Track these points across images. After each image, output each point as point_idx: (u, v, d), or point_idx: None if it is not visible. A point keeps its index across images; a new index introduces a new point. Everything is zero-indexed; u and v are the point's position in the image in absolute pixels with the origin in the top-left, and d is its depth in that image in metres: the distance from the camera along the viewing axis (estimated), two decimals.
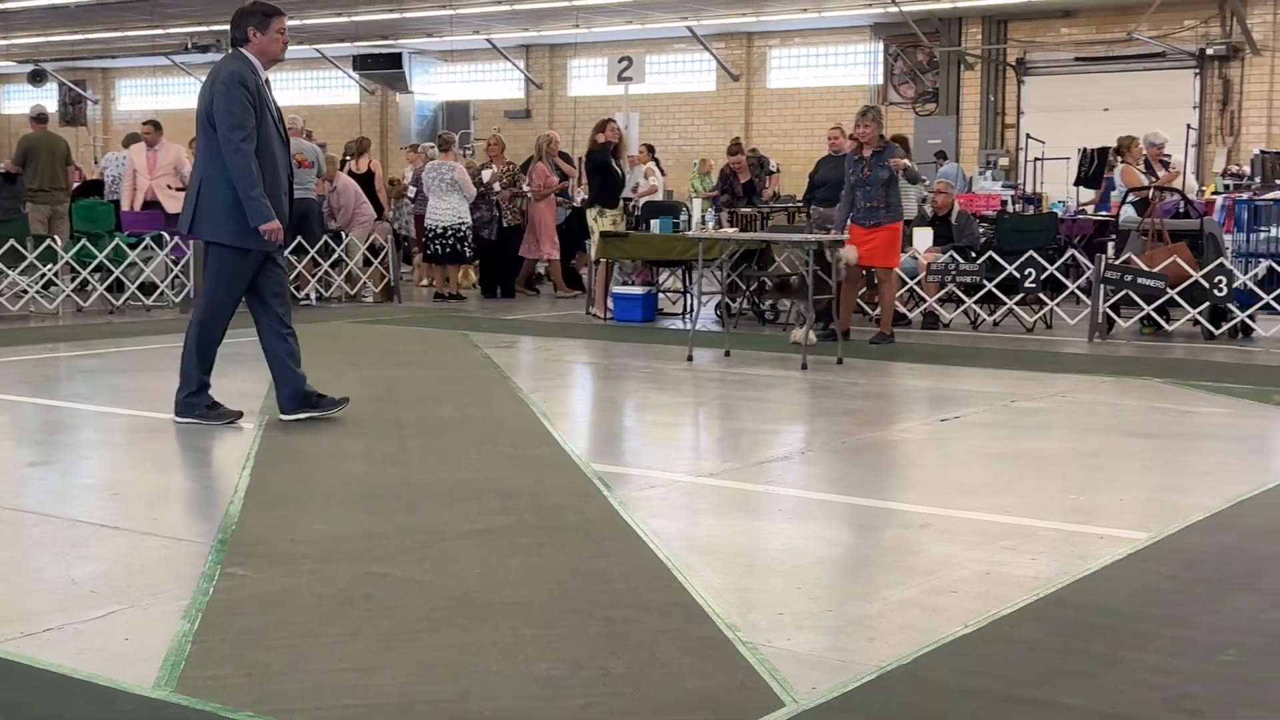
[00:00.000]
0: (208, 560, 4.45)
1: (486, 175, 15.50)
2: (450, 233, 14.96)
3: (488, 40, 28.24)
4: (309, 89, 32.16)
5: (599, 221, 13.24)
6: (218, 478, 6.16)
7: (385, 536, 4.79)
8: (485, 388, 8.70)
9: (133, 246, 13.88)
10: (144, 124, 15.42)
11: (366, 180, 15.52)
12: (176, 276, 14.02)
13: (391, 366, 9.74)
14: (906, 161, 11.14)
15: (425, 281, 16.61)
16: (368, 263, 15.03)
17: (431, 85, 30.51)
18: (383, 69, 29.46)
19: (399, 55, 29.24)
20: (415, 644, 3.65)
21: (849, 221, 10.99)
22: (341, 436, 6.76)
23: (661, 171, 18.56)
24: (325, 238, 14.58)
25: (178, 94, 33.82)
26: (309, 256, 14.33)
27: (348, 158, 15.75)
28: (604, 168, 13.33)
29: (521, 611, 3.94)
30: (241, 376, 8.31)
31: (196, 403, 7.08)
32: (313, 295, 14.57)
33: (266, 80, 6.87)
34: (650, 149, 19.19)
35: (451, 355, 10.47)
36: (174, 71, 32.78)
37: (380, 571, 4.35)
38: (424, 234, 15.59)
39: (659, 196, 16.74)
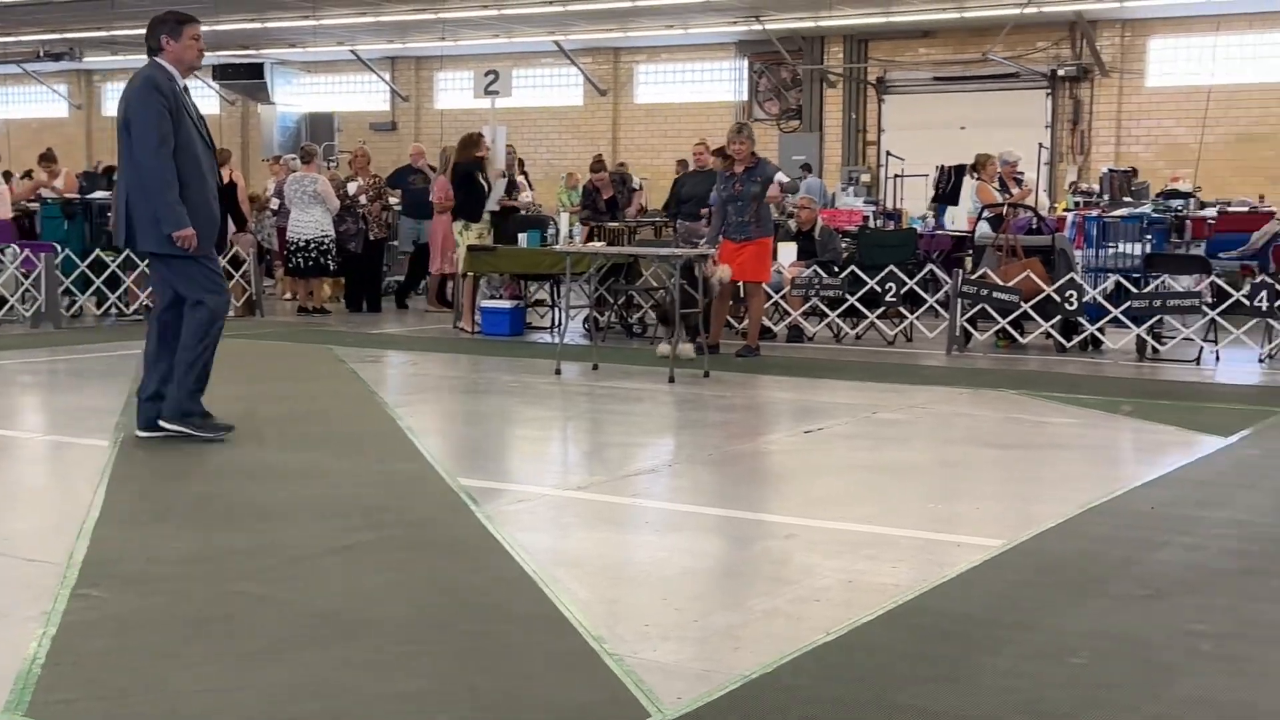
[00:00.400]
0: (60, 581, 4.31)
1: (352, 188, 15.33)
2: (313, 246, 14.76)
3: (352, 52, 27.95)
4: None
5: (464, 235, 13.17)
6: (71, 496, 5.97)
7: (245, 555, 4.70)
8: (350, 403, 8.59)
9: None
10: None
11: (227, 192, 15.19)
12: (27, 290, 13.58)
13: (253, 382, 9.57)
14: (783, 176, 11.27)
15: (288, 295, 16.35)
16: (228, 276, 14.75)
17: (294, 96, 30.09)
18: (244, 79, 28.95)
19: (260, 65, 28.77)
20: (277, 663, 3.59)
21: (720, 236, 11.12)
22: (200, 453, 6.61)
23: (530, 185, 18.52)
24: None
25: (30, 102, 32.83)
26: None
27: None
28: (469, 181, 13.26)
29: (386, 628, 3.90)
30: (92, 391, 8.10)
31: (193, 410, 6.92)
32: None
33: (185, 87, 6.82)
34: (520, 162, 19.13)
35: (315, 370, 10.33)
36: (25, 80, 31.81)
37: (240, 590, 4.26)
38: (286, 247, 15.36)
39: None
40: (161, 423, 6.87)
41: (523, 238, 12.85)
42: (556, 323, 13.39)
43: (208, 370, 6.93)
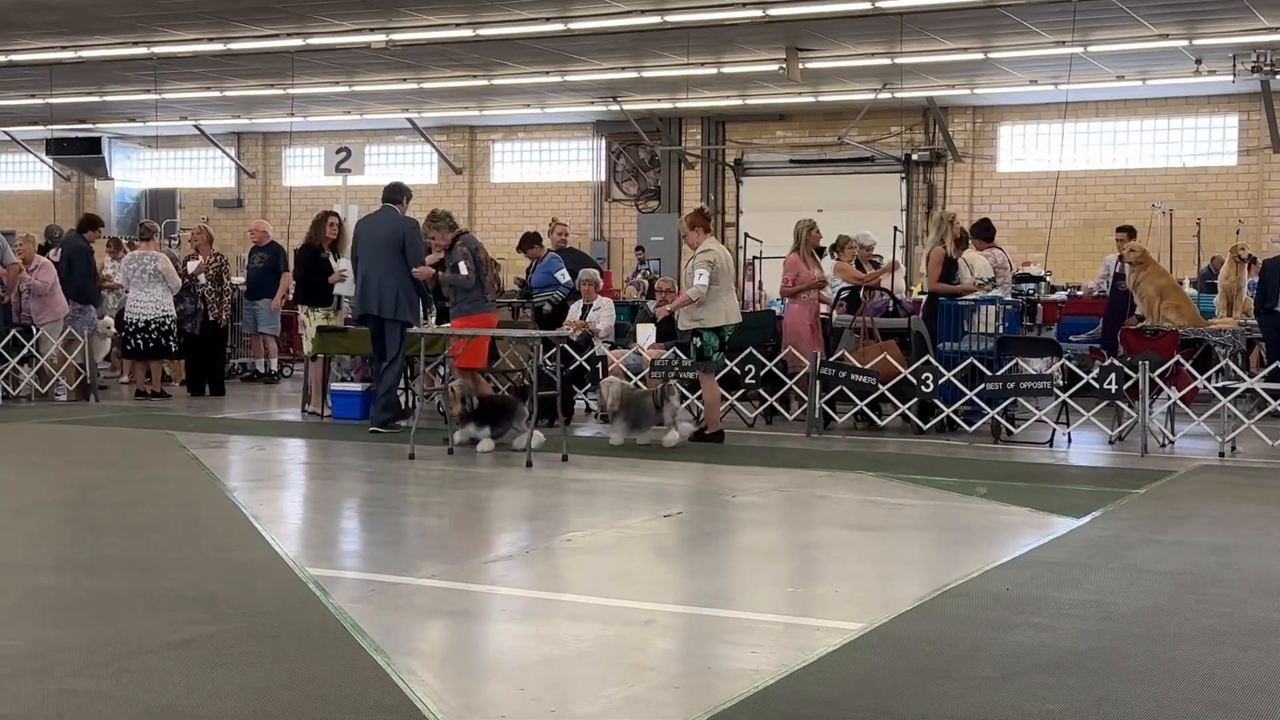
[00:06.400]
0: None
1: (191, 266, 15.09)
2: (154, 326, 14.45)
3: (195, 126, 27.63)
4: None
5: (311, 318, 12.98)
6: None
7: (79, 650, 4.57)
8: (190, 489, 8.42)
9: None
10: None
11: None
12: None
13: (88, 469, 9.32)
14: (463, 268, 11.15)
15: (126, 378, 15.97)
16: (61, 359, 14.36)
17: (134, 172, 29.60)
18: (80, 154, 28.40)
19: (98, 140, 28.28)
20: None
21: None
22: (31, 543, 6.42)
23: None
24: (14, 331, 13.90)
25: None
26: None
27: (48, 244, 15.06)
28: (311, 264, 13.09)
29: None
30: None
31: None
32: None
33: None
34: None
35: (154, 456, 10.10)
36: None
37: (73, 688, 4.15)
38: (124, 328, 15.03)
39: None
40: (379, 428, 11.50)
41: None
42: (410, 406, 13.30)
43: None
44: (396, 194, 11.94)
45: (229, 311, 15.56)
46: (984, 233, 13.68)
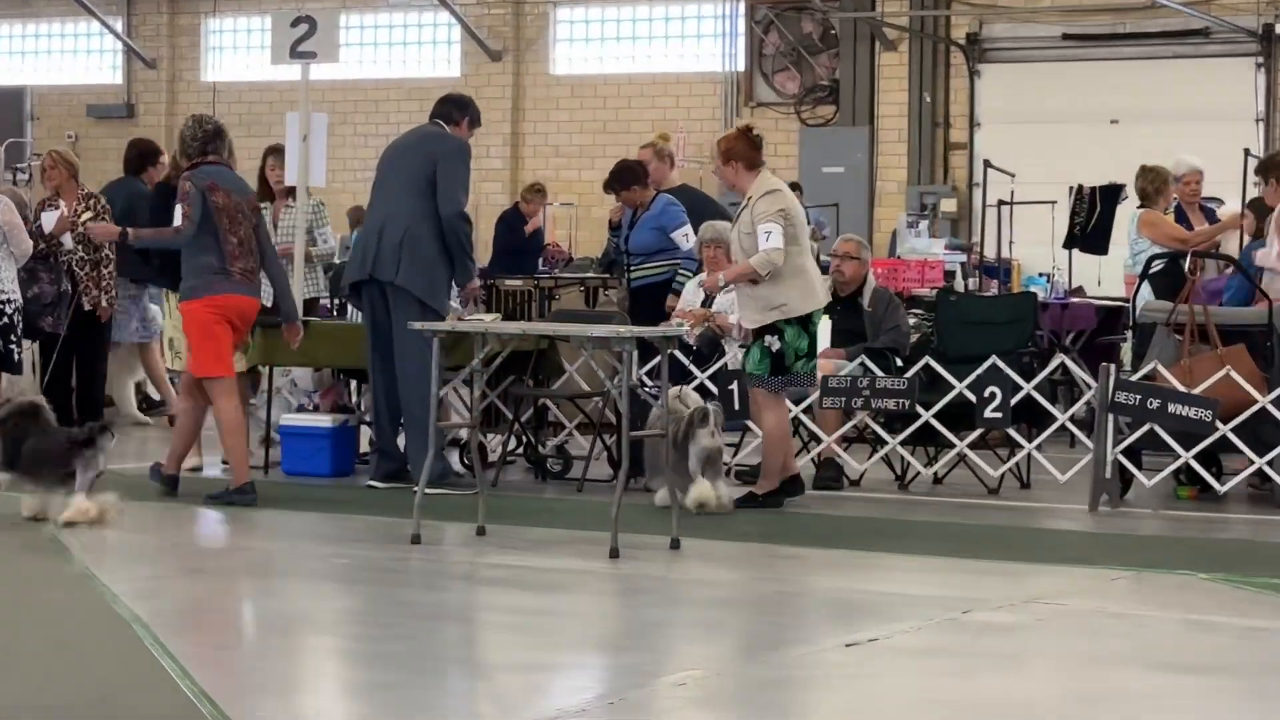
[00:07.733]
0: None
1: (49, 220, 15.09)
2: None
3: None
4: None
5: (172, 304, 12.51)
6: None
7: None
8: (50, 592, 8.55)
9: None
10: None
11: None
12: None
13: None
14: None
15: None
16: None
17: None
18: None
19: None
20: None
21: None
22: None
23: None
24: None
25: None
26: None
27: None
28: (164, 208, 12.61)
29: None
30: None
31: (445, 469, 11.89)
32: None
33: None
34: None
35: None
36: None
37: None
38: None
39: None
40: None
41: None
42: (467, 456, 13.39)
43: None
44: (454, 110, 12.67)
45: (114, 294, 15.69)
46: None
